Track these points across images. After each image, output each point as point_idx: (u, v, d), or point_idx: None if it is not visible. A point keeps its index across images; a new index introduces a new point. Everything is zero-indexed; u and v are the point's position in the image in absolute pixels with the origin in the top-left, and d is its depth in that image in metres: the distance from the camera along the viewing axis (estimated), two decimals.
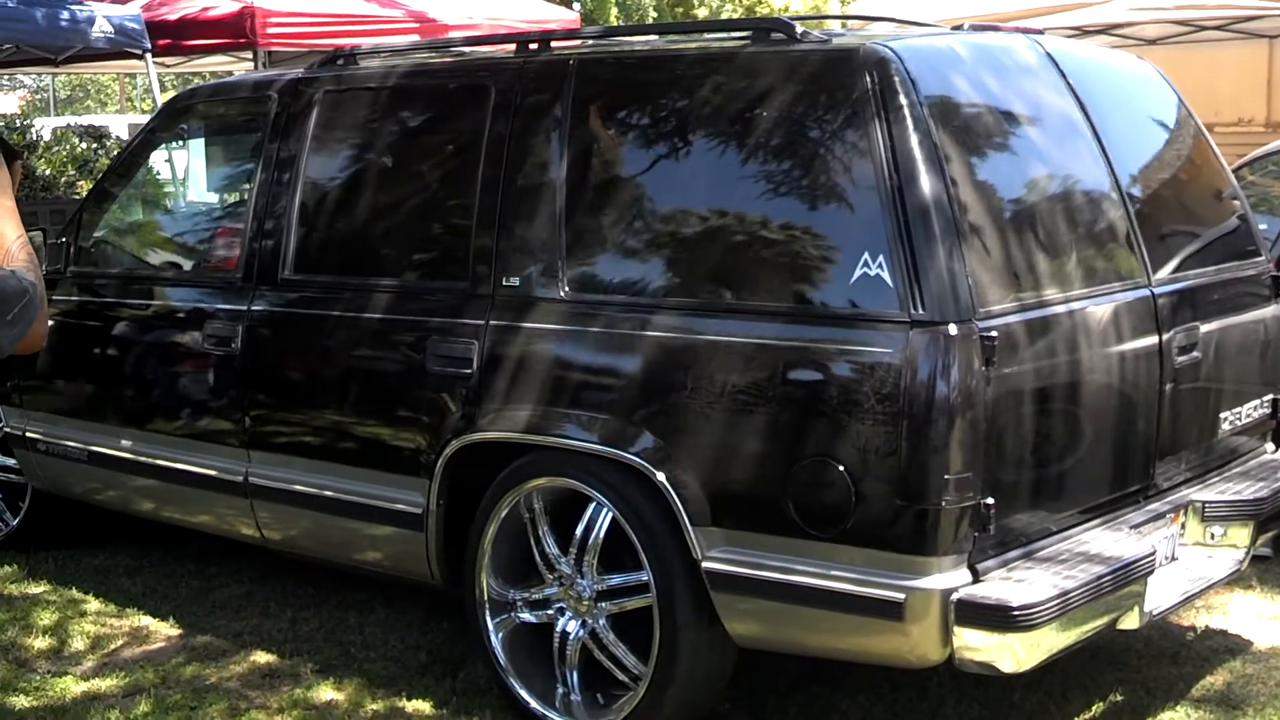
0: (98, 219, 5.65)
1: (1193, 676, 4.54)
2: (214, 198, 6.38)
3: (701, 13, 24.31)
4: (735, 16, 24.34)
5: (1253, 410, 4.67)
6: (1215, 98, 11.53)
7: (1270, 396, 4.76)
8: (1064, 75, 4.26)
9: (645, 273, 4.04)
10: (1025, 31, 4.50)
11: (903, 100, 3.68)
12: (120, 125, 17.35)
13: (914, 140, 3.65)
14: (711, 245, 3.93)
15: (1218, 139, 4.94)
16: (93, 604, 5.38)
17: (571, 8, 18.22)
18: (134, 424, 5.27)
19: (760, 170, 3.88)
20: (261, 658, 4.83)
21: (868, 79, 3.73)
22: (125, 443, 5.27)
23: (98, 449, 5.37)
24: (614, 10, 19.83)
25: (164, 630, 5.12)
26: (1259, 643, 4.78)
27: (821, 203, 3.79)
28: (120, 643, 5.02)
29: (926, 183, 3.62)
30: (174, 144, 6.61)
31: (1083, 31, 10.45)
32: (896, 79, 3.71)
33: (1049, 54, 4.30)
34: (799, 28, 3.99)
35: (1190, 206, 4.82)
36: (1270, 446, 4.86)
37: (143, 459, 5.21)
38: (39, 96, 33.42)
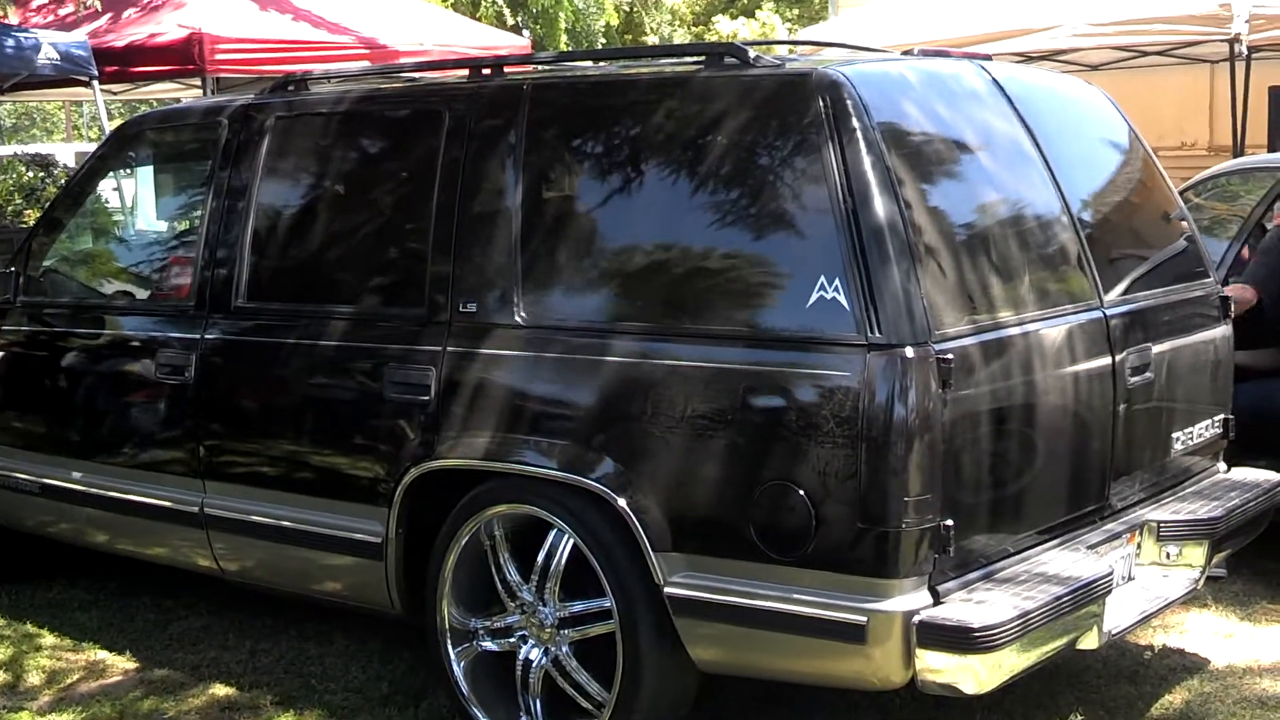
0: (47, 248, 5.60)
1: (1152, 695, 4.57)
2: (165, 225, 6.34)
3: (652, 40, 24.42)
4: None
5: (1205, 430, 4.72)
6: (1158, 122, 11.64)
7: (1221, 416, 4.82)
8: (1011, 100, 4.30)
9: (602, 298, 4.04)
10: (973, 58, 4.55)
11: (855, 124, 3.71)
12: (67, 153, 17.18)
13: (867, 164, 3.68)
14: (668, 269, 3.94)
15: (1162, 162, 5.00)
16: (48, 638, 5.31)
17: (521, 34, 18.26)
18: (87, 456, 5.21)
19: (715, 194, 3.90)
20: (220, 690, 4.78)
21: (820, 103, 3.75)
22: (78, 475, 5.21)
23: (50, 481, 5.31)
24: (564, 37, 19.87)
25: (121, 664, 5.06)
26: (1216, 661, 4.83)
27: (777, 227, 3.81)
28: (77, 677, 4.96)
29: (880, 206, 3.64)
30: (124, 171, 6.57)
31: (1027, 57, 10.56)
32: (849, 103, 3.74)
33: (996, 80, 4.34)
34: (752, 53, 4.01)
35: (1140, 229, 4.88)
36: (1223, 466, 4.91)
37: (96, 491, 5.15)
38: None
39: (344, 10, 12.17)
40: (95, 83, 10.48)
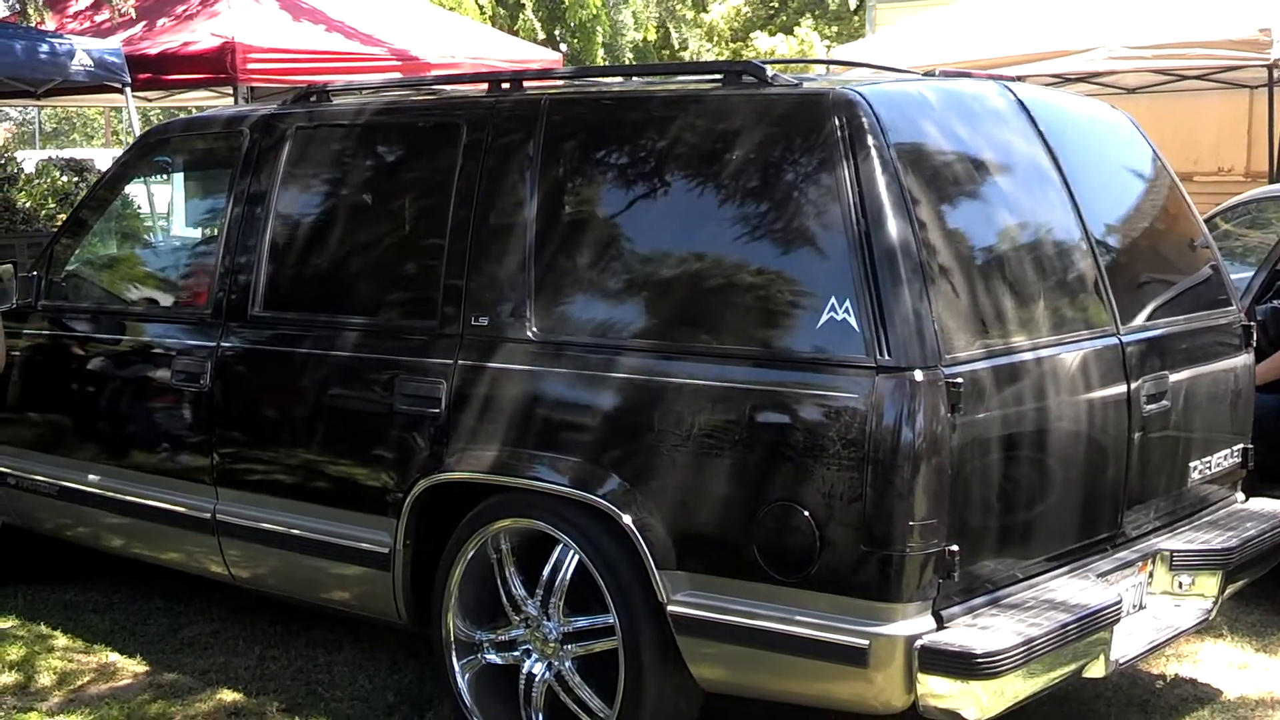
0: (69, 253, 5.64)
1: None
2: (185, 233, 6.40)
3: (686, 56, 24.45)
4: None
5: (1223, 459, 4.67)
6: (1195, 147, 11.57)
7: (1240, 445, 4.76)
8: (1034, 122, 4.27)
9: (613, 314, 4.03)
10: (997, 79, 4.52)
11: (871, 144, 3.69)
12: (105, 159, 17.34)
13: (881, 185, 3.66)
14: (679, 287, 3.93)
15: (1198, 188, 4.95)
16: (61, 640, 5.35)
17: (558, 48, 18.33)
18: (103, 460, 5.25)
19: (729, 213, 3.88)
20: (228, 696, 4.80)
21: (836, 123, 3.74)
22: (94, 478, 5.24)
23: (67, 484, 5.34)
24: (600, 51, 19.93)
25: (131, 667, 5.08)
26: (1228, 692, 4.77)
27: (790, 246, 3.79)
28: (87, 679, 4.99)
29: (894, 227, 3.62)
30: (146, 178, 6.62)
31: (1063, 80, 10.49)
32: (865, 123, 3.72)
33: (1020, 101, 4.31)
34: (770, 71, 4.00)
35: (1161, 256, 4.84)
36: (1240, 495, 4.86)
37: (112, 495, 5.18)
38: (24, 129, 33.42)
39: (377, 22, 12.24)
40: (128, 89, 10.58)
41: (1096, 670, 3.83)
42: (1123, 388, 4.15)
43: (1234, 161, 12.50)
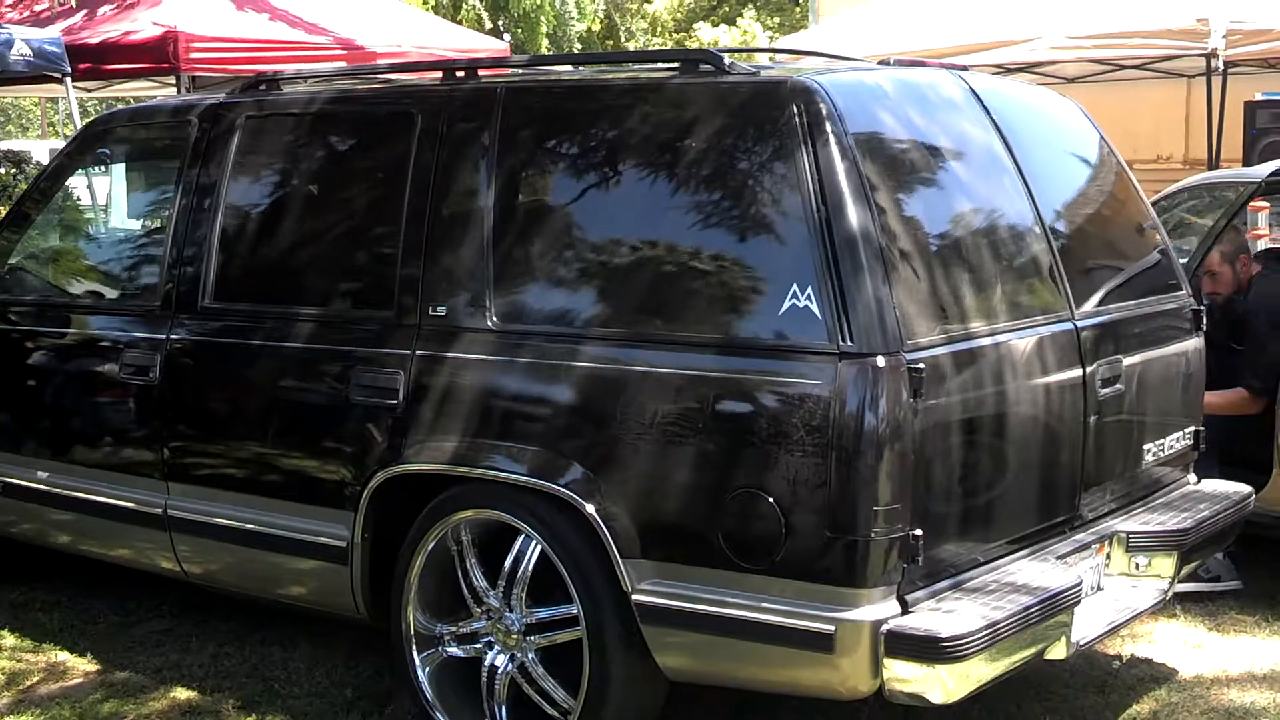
0: (13, 245, 5.54)
1: (1119, 705, 4.57)
2: (132, 224, 6.30)
3: (631, 47, 24.45)
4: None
5: (1175, 441, 4.73)
6: (1134, 136, 11.70)
7: (1192, 428, 4.82)
8: (988, 111, 4.30)
9: (573, 303, 4.01)
10: (950, 68, 4.54)
11: (829, 132, 3.70)
12: (42, 150, 17.07)
13: (841, 172, 3.66)
14: (640, 276, 3.91)
15: (1137, 175, 5.00)
16: (8, 639, 5.26)
17: (501, 38, 18.26)
18: (51, 455, 5.17)
19: (688, 201, 3.88)
20: (182, 694, 4.74)
21: (794, 111, 3.74)
22: (42, 474, 5.16)
23: (13, 481, 5.26)
24: (545, 41, 19.88)
25: (82, 666, 5.01)
26: (1184, 671, 4.83)
27: (750, 234, 3.79)
28: (36, 679, 4.92)
29: (853, 214, 3.63)
30: (92, 169, 6.51)
31: (1005, 70, 10.58)
32: (823, 111, 3.72)
33: (973, 90, 4.34)
34: (727, 59, 4.00)
35: (1113, 241, 4.88)
36: (1193, 477, 4.91)
37: (59, 491, 5.10)
38: None
39: (321, 11, 12.13)
40: (68, 80, 10.42)
41: (1058, 652, 3.87)
42: (1078, 372, 4.19)
43: (1172, 149, 12.66)
